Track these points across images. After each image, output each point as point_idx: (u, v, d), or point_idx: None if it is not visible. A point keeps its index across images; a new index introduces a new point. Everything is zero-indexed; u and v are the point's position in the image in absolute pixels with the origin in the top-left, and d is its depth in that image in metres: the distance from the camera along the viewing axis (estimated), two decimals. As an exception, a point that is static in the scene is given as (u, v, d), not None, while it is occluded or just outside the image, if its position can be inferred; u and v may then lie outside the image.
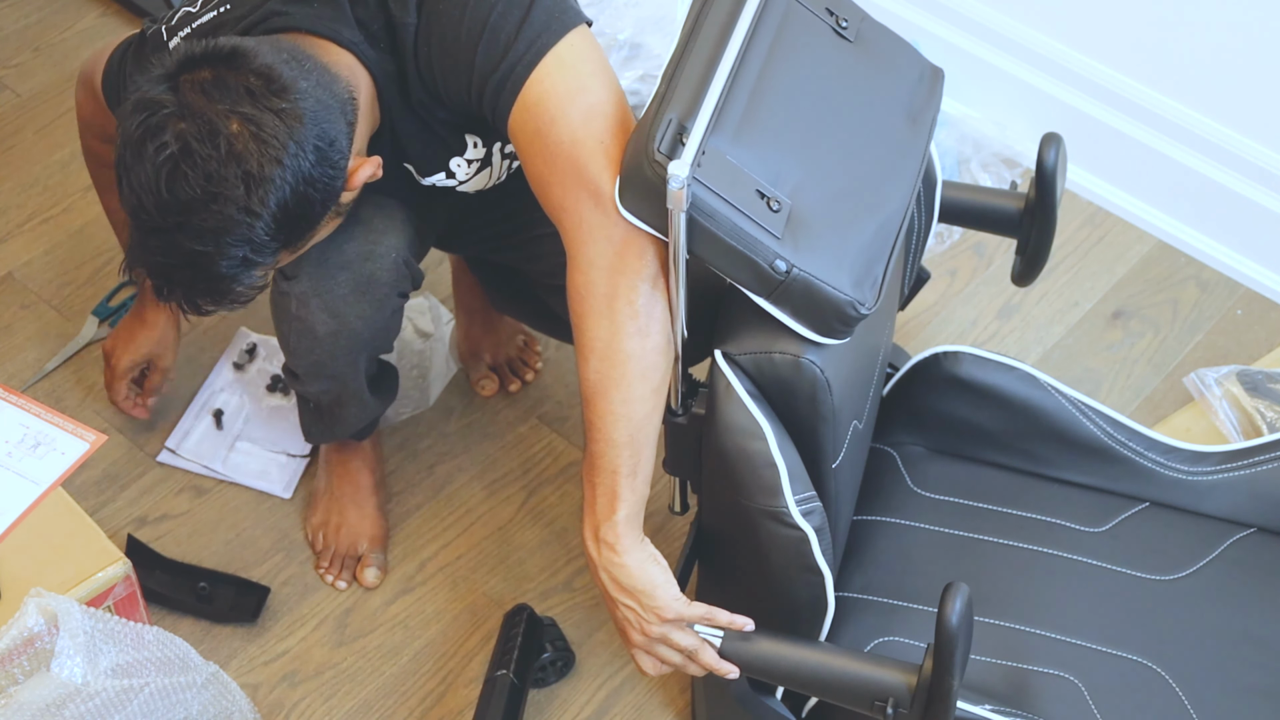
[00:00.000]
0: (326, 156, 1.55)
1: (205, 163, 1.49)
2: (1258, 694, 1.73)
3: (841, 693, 1.60)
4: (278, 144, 1.51)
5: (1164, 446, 1.91)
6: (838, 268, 1.50)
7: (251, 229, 1.52)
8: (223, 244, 1.52)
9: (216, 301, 1.60)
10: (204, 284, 1.57)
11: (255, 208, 1.51)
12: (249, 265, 1.55)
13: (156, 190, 1.51)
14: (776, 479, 1.54)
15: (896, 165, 1.62)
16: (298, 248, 1.62)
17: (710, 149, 1.47)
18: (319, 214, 1.58)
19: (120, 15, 2.79)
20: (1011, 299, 2.45)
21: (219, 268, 1.54)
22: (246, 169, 1.50)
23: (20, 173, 2.56)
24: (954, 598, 1.46)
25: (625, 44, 2.63)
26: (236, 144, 1.50)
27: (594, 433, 1.59)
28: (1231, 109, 2.38)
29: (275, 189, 1.51)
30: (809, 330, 1.52)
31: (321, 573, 2.13)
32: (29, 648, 1.60)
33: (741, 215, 1.47)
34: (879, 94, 1.65)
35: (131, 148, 1.52)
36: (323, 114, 1.55)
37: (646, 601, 1.59)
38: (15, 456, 1.75)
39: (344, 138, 1.58)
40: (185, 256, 1.54)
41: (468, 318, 2.30)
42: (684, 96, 1.49)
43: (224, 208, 1.51)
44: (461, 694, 2.04)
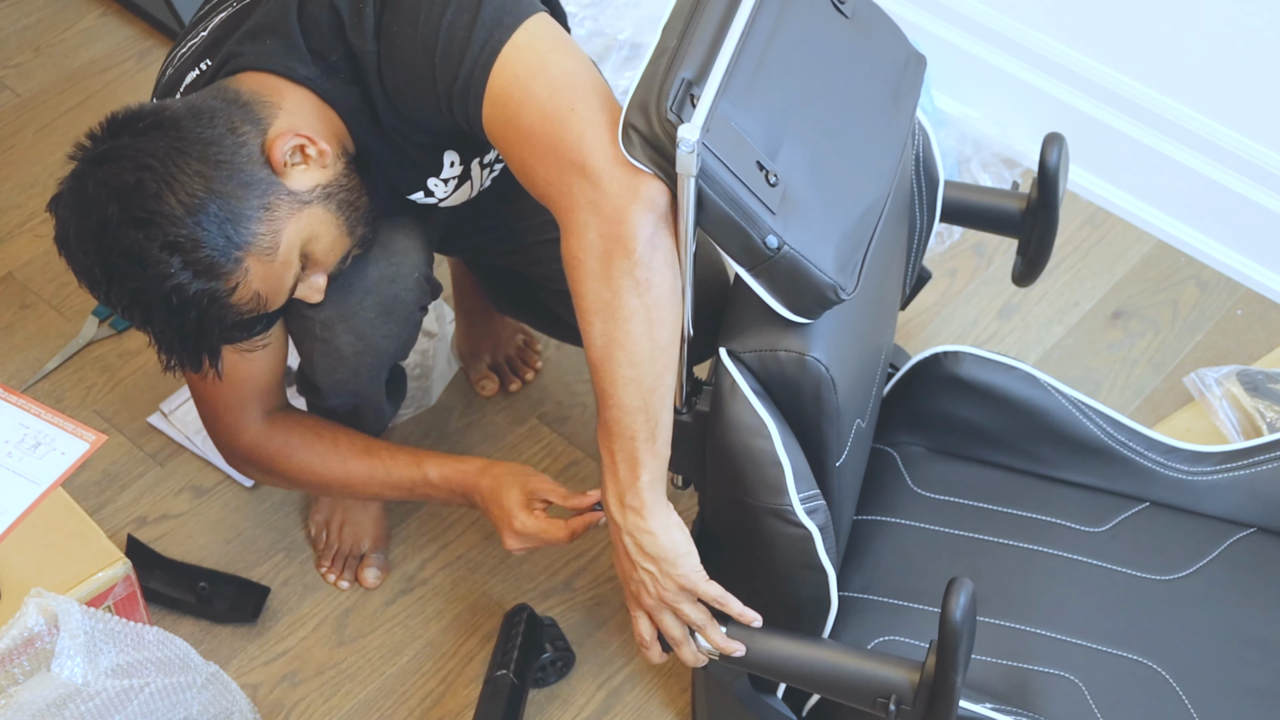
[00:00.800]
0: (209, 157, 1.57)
1: (83, 217, 1.56)
2: (1257, 694, 1.74)
3: (844, 689, 1.60)
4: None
5: (1164, 446, 1.91)
6: (824, 249, 1.49)
7: (153, 237, 1.53)
8: (146, 269, 1.54)
9: (211, 335, 1.60)
10: (174, 326, 1.58)
11: (144, 216, 1.53)
12: (198, 278, 1.55)
13: (73, 263, 1.58)
14: (781, 477, 1.54)
15: (881, 150, 1.61)
16: (249, 245, 1.58)
17: (718, 114, 1.45)
18: (249, 209, 1.57)
19: (120, 15, 2.79)
20: (1011, 299, 2.45)
21: (160, 300, 1.55)
22: (118, 209, 1.54)
23: (20, 173, 2.56)
24: (958, 593, 1.46)
25: (625, 44, 2.64)
26: (112, 187, 1.55)
27: (606, 400, 1.55)
28: (1231, 109, 2.38)
29: (161, 198, 1.54)
30: (783, 307, 1.51)
31: (323, 572, 2.13)
32: (29, 648, 1.60)
33: (742, 186, 1.46)
34: (870, 74, 1.63)
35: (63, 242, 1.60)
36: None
37: (668, 568, 1.58)
38: (15, 456, 1.75)
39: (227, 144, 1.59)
40: (132, 310, 1.57)
41: (467, 318, 2.30)
42: (696, 57, 1.46)
43: (115, 237, 1.54)
44: (461, 694, 2.04)
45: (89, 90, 2.68)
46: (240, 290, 1.58)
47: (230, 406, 1.85)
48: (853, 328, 1.62)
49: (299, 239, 1.62)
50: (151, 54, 2.73)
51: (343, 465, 1.87)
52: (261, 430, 1.87)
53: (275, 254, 1.60)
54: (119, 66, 2.71)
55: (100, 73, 2.70)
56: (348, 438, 1.88)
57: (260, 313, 1.63)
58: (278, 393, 1.89)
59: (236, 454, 1.90)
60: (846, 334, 1.59)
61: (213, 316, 1.57)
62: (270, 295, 1.62)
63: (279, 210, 1.59)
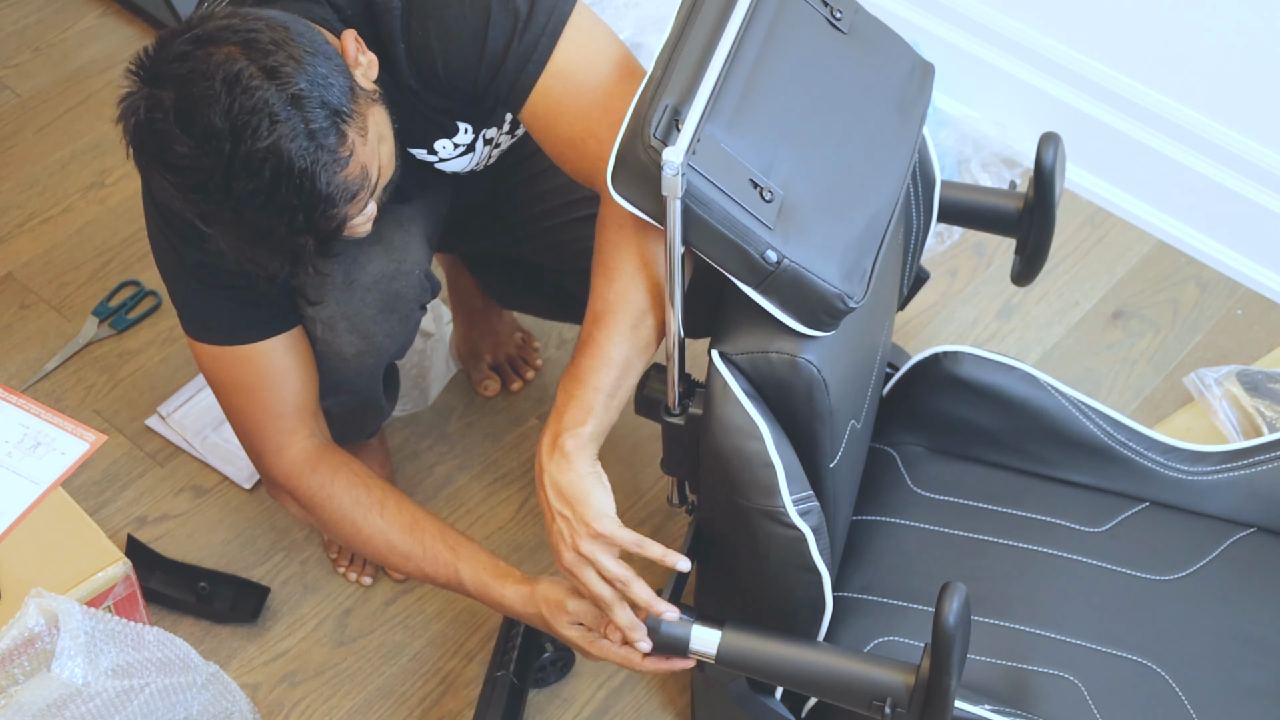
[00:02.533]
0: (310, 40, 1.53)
1: (207, 80, 1.46)
2: (1257, 694, 1.73)
3: (839, 692, 1.60)
4: (262, 37, 1.49)
5: (1164, 446, 1.91)
6: (827, 260, 1.50)
7: (284, 87, 1.46)
8: (275, 127, 1.45)
9: (329, 209, 1.50)
10: (297, 196, 1.48)
11: (271, 65, 1.47)
12: (318, 146, 1.47)
13: (187, 138, 1.46)
14: (773, 479, 1.54)
15: (887, 159, 1.62)
16: (350, 121, 1.52)
17: (705, 136, 1.47)
18: (343, 83, 1.53)
19: (120, 15, 2.79)
20: (1011, 299, 2.45)
21: (293, 158, 1.46)
22: (242, 65, 1.47)
23: (20, 173, 2.56)
24: (951, 598, 1.46)
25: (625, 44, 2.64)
26: (226, 58, 1.47)
27: (590, 348, 1.58)
28: (1231, 109, 2.38)
29: (276, 55, 1.48)
30: (796, 322, 1.52)
31: (343, 571, 2.13)
32: (29, 648, 1.60)
33: (734, 204, 1.47)
34: (871, 87, 1.65)
35: (143, 145, 1.50)
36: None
37: (580, 510, 1.57)
38: (15, 456, 1.75)
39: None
40: (260, 171, 1.46)
41: (466, 319, 2.31)
42: (680, 83, 1.48)
43: (248, 88, 1.46)
44: (461, 694, 2.04)
45: (89, 90, 2.68)
46: (351, 163, 1.51)
47: (270, 413, 1.81)
48: (846, 329, 1.62)
49: (377, 131, 1.57)
50: (152, 54, 2.73)
51: (385, 531, 1.81)
52: (306, 455, 1.82)
53: (367, 136, 1.54)
54: (119, 66, 2.71)
55: (100, 73, 2.71)
56: (395, 501, 1.83)
57: (365, 199, 1.56)
58: (317, 413, 1.85)
59: (277, 480, 1.85)
60: (840, 336, 1.59)
61: (334, 186, 1.50)
62: (371, 178, 1.56)
63: (360, 97, 1.55)
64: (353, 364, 1.84)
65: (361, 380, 1.89)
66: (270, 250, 1.53)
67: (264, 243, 1.52)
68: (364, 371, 1.87)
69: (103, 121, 2.63)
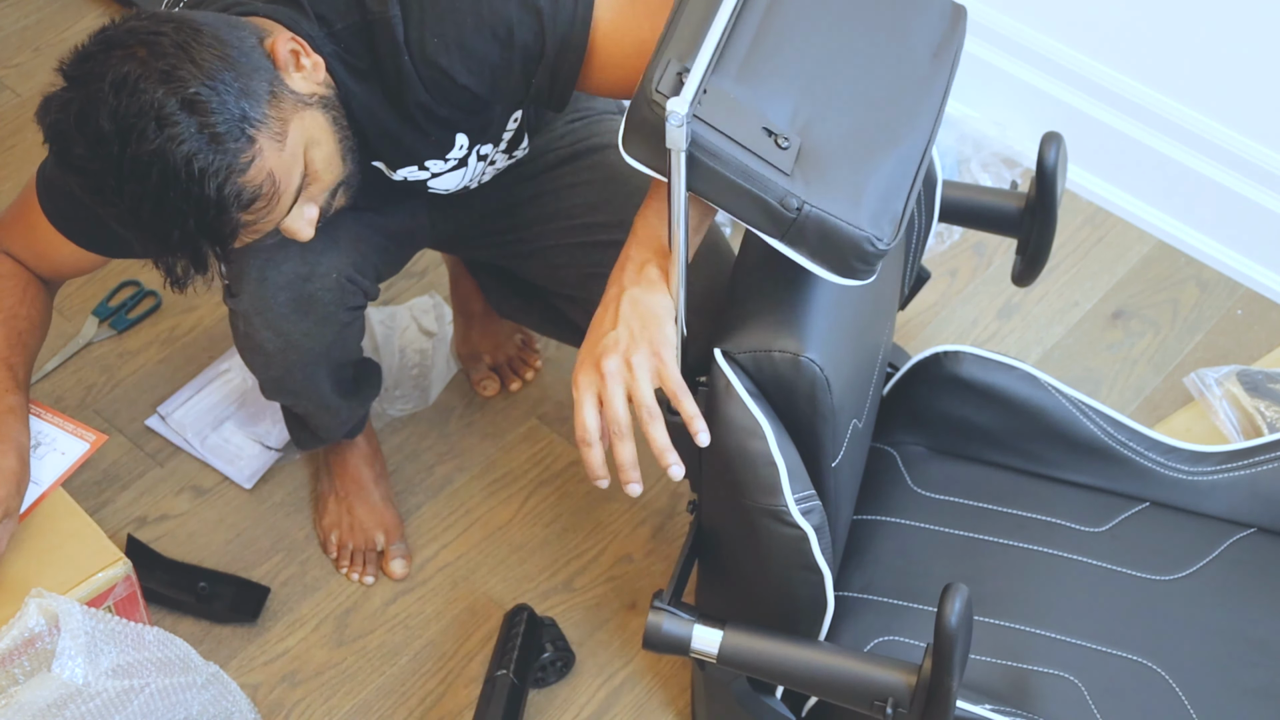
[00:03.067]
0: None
1: (99, 82, 1.47)
2: (1257, 694, 1.73)
3: (841, 692, 1.60)
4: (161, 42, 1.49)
5: (1164, 446, 1.91)
6: (853, 203, 1.46)
7: (176, 90, 1.45)
8: (163, 130, 1.45)
9: (220, 213, 1.49)
10: (185, 201, 1.47)
11: (166, 69, 1.46)
12: (215, 150, 1.46)
13: (82, 140, 1.47)
14: (776, 478, 1.54)
15: (916, 100, 1.57)
16: (260, 125, 1.50)
17: (713, 87, 1.44)
18: (259, 87, 1.51)
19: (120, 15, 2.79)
20: (1011, 299, 2.45)
21: (179, 163, 1.45)
22: (132, 67, 1.46)
23: (20, 173, 2.56)
24: (953, 598, 1.46)
25: None
26: (121, 60, 1.47)
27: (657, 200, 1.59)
28: (1231, 109, 2.38)
29: (174, 57, 1.47)
30: (829, 272, 1.48)
31: (345, 572, 2.14)
32: (30, 648, 1.60)
33: (747, 152, 1.44)
34: (897, 29, 1.60)
35: (51, 144, 1.51)
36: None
37: (652, 331, 1.52)
38: (15, 456, 1.75)
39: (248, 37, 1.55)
40: (147, 175, 1.46)
41: (466, 320, 2.30)
42: (683, 38, 1.46)
43: (135, 90, 1.45)
44: (461, 694, 2.04)
45: (89, 90, 2.68)
46: (253, 169, 1.50)
47: (18, 233, 1.81)
48: (848, 328, 1.62)
49: (303, 137, 1.56)
50: (152, 54, 2.73)
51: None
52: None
53: (284, 142, 1.53)
54: (119, 66, 2.71)
55: (100, 73, 2.70)
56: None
57: (268, 205, 1.54)
58: (50, 272, 1.85)
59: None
60: (842, 335, 1.59)
61: (227, 191, 1.49)
62: (280, 184, 1.55)
63: (284, 101, 1.54)
64: (277, 360, 1.85)
65: (295, 379, 1.89)
66: (169, 250, 1.53)
67: (162, 244, 1.52)
68: (293, 369, 1.87)
69: (102, 121, 2.63)
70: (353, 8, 1.61)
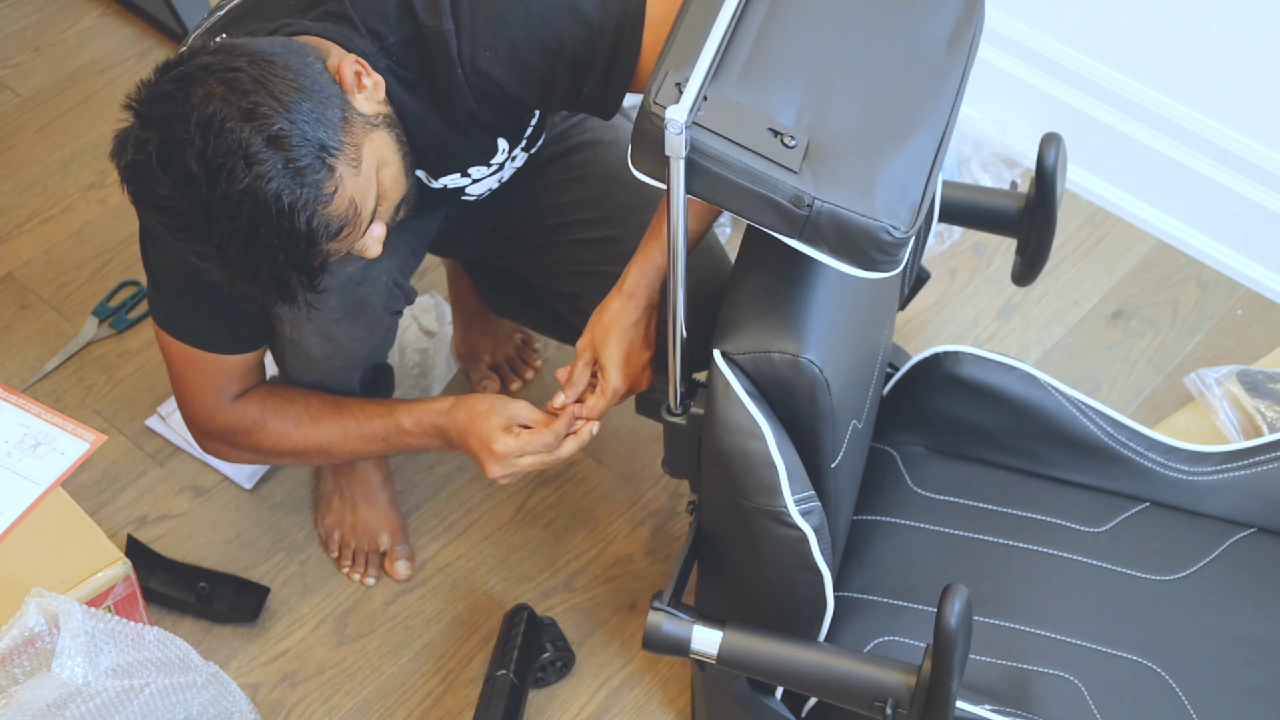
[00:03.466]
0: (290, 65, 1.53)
1: (183, 123, 1.46)
2: (1257, 694, 1.73)
3: (841, 693, 1.60)
4: (246, 70, 1.49)
5: (1164, 446, 1.91)
6: (865, 195, 1.45)
7: (261, 128, 1.46)
8: (251, 168, 1.45)
9: (310, 247, 1.50)
10: (276, 236, 1.48)
11: (249, 106, 1.46)
12: (300, 184, 1.47)
13: (167, 180, 1.47)
14: (775, 479, 1.54)
15: (931, 88, 1.56)
16: (339, 154, 1.51)
17: (713, 93, 1.44)
18: (333, 115, 1.52)
19: (120, 15, 2.79)
20: (1011, 299, 2.45)
21: (269, 200, 1.46)
22: (217, 106, 1.46)
23: (20, 173, 2.56)
24: (953, 599, 1.46)
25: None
26: (204, 100, 1.47)
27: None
28: (1231, 109, 2.38)
29: (255, 94, 1.48)
30: (851, 267, 1.47)
31: (346, 571, 2.14)
32: (30, 647, 1.60)
33: (752, 155, 1.44)
34: (910, 19, 1.59)
35: (131, 184, 1.51)
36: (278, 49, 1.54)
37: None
38: (15, 456, 1.75)
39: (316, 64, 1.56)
40: (238, 213, 1.46)
41: (465, 320, 2.30)
42: (680, 51, 1.46)
43: (222, 130, 1.46)
44: (461, 694, 2.04)
45: (89, 90, 2.68)
46: (337, 199, 1.51)
47: (213, 388, 1.84)
48: (847, 329, 1.62)
49: (374, 159, 1.57)
50: (151, 54, 2.73)
51: (317, 427, 1.87)
52: (234, 408, 1.87)
53: (360, 167, 1.54)
54: (119, 66, 2.71)
55: (100, 72, 2.70)
56: (319, 399, 1.88)
57: (353, 232, 1.55)
58: (259, 372, 1.89)
59: (210, 433, 1.89)
60: (841, 335, 1.59)
61: (315, 224, 1.50)
62: (360, 209, 1.56)
63: (355, 125, 1.54)
64: (322, 365, 1.86)
65: (334, 381, 1.90)
66: (258, 285, 1.54)
67: (250, 279, 1.53)
68: (335, 373, 1.88)
69: (103, 121, 2.63)
70: (404, 20, 1.62)
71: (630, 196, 1.91)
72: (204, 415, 1.87)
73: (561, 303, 2.00)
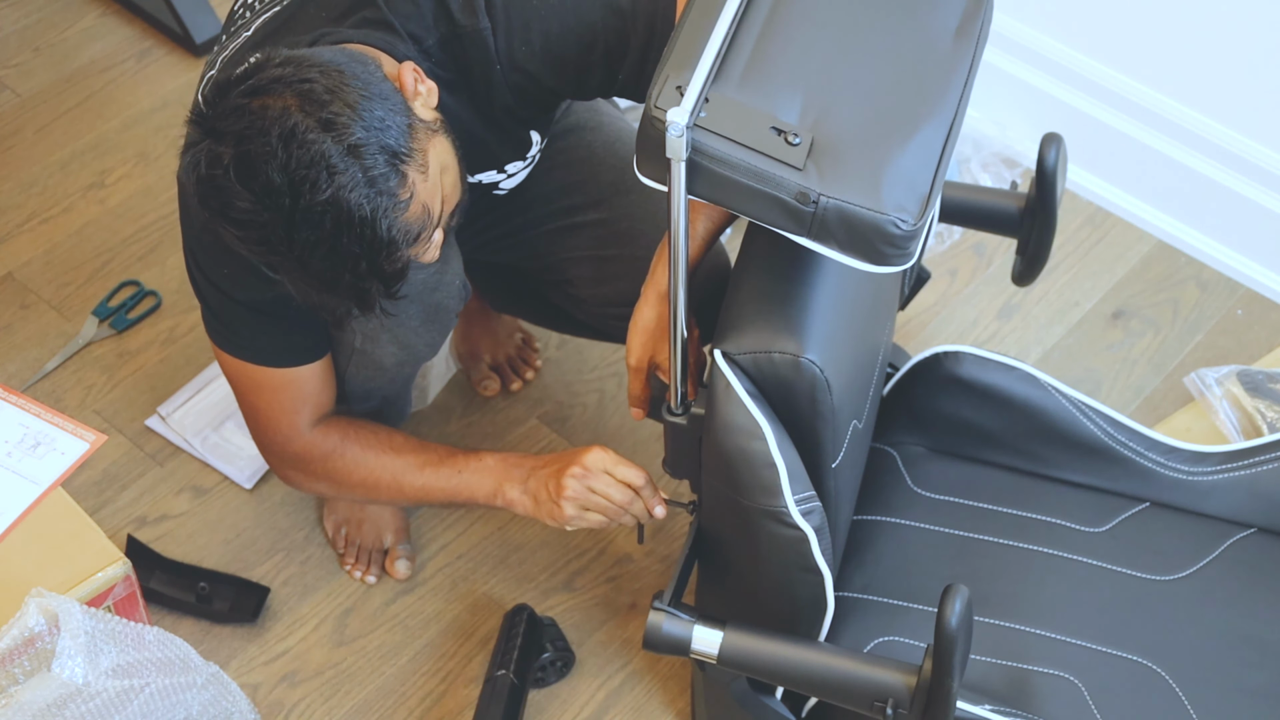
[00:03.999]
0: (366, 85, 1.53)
1: (263, 136, 1.46)
2: (1257, 694, 1.74)
3: (841, 693, 1.60)
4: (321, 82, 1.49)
5: (1164, 446, 1.91)
6: (871, 189, 1.45)
7: (340, 138, 1.46)
8: (334, 178, 1.46)
9: (392, 252, 1.51)
10: (359, 244, 1.49)
11: (327, 118, 1.47)
12: (377, 192, 1.48)
13: (248, 194, 1.47)
14: (776, 479, 1.54)
15: (938, 80, 1.55)
16: (410, 160, 1.52)
17: (715, 95, 1.44)
18: (400, 122, 1.52)
19: (120, 15, 2.79)
20: (1011, 299, 2.45)
21: (353, 208, 1.47)
22: (297, 119, 1.46)
23: (20, 173, 2.56)
24: (953, 600, 1.46)
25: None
26: (282, 113, 1.47)
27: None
28: (1231, 109, 2.38)
29: (331, 105, 1.48)
30: (863, 262, 1.47)
31: (349, 569, 2.14)
32: (30, 647, 1.60)
33: (756, 154, 1.44)
34: (916, 12, 1.59)
35: (207, 199, 1.50)
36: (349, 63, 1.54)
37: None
38: (15, 456, 1.75)
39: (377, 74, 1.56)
40: (321, 223, 1.47)
41: (465, 319, 2.31)
42: (681, 55, 1.46)
43: (304, 141, 1.46)
44: (461, 694, 2.04)
45: (89, 90, 2.68)
46: (412, 205, 1.52)
47: (286, 411, 1.83)
48: (848, 329, 1.62)
49: (438, 164, 1.57)
50: (151, 54, 2.73)
51: (397, 458, 1.86)
52: (314, 434, 1.86)
53: (428, 172, 1.54)
54: (119, 66, 2.71)
55: (100, 73, 2.70)
56: (401, 435, 1.89)
57: (428, 237, 1.56)
58: (331, 396, 1.87)
59: (287, 460, 1.88)
60: (842, 335, 1.59)
61: (395, 231, 1.50)
62: (431, 214, 1.56)
63: (419, 131, 1.55)
64: (390, 373, 1.86)
65: (396, 386, 1.92)
66: (336, 295, 1.54)
67: (330, 289, 1.53)
68: (400, 379, 1.90)
69: (103, 121, 2.63)
70: (441, 20, 1.63)
71: (616, 179, 1.92)
72: (280, 441, 1.86)
73: (556, 290, 2.01)
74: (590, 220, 1.94)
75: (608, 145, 1.96)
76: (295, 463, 1.88)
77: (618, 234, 1.85)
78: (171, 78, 2.69)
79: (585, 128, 1.96)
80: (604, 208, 1.93)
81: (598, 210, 1.93)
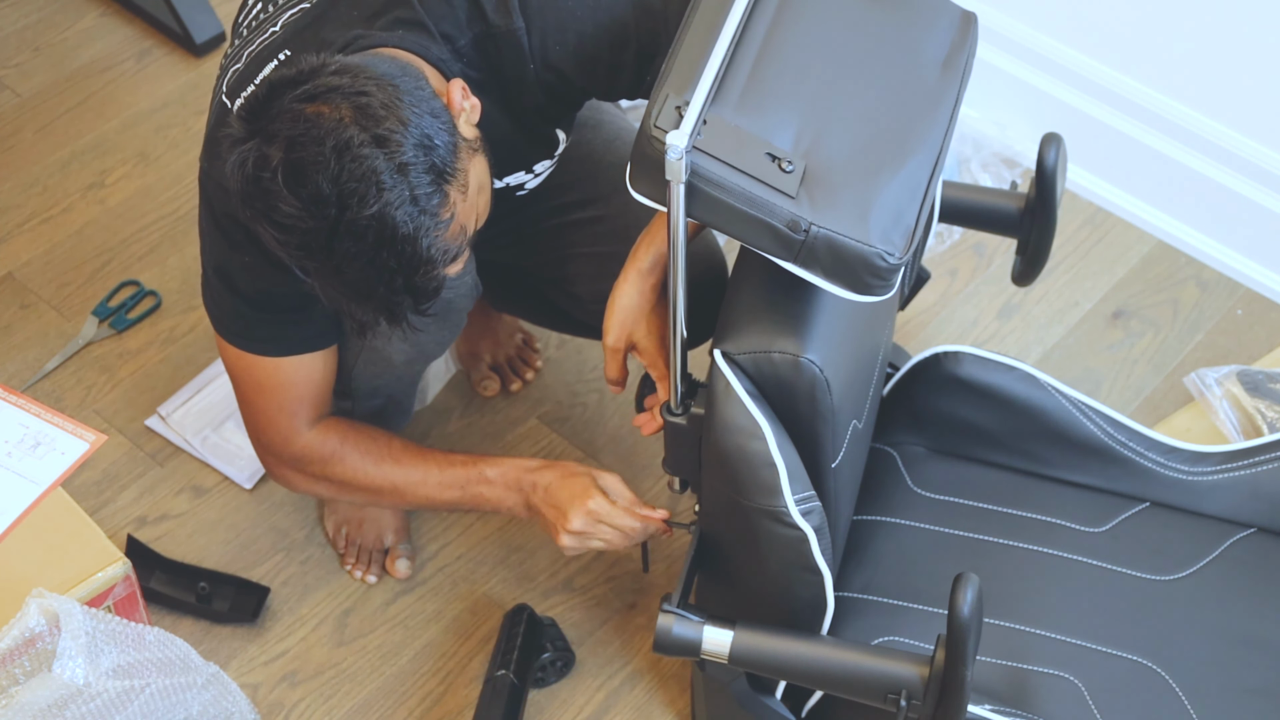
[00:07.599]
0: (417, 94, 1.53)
1: (317, 144, 1.46)
2: (1257, 694, 1.74)
3: (853, 687, 1.60)
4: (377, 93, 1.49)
5: (1164, 446, 1.91)
6: (860, 221, 1.47)
7: (392, 155, 1.46)
8: (382, 194, 1.46)
9: (429, 271, 1.51)
10: (397, 259, 1.49)
11: (382, 134, 1.47)
12: (420, 211, 1.48)
13: (295, 200, 1.47)
14: (776, 479, 1.54)
15: (925, 112, 1.57)
16: (453, 179, 1.52)
17: (713, 117, 1.45)
18: (448, 141, 1.52)
19: (120, 15, 2.79)
20: (1011, 299, 2.45)
21: (396, 225, 1.47)
22: (352, 132, 1.46)
23: (20, 173, 2.56)
24: (965, 588, 1.46)
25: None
26: (337, 124, 1.47)
27: None
28: (1231, 109, 2.38)
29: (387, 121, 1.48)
30: (845, 290, 1.49)
31: (349, 569, 2.14)
32: (30, 648, 1.60)
33: (751, 179, 1.45)
34: (904, 44, 1.61)
35: (251, 198, 1.50)
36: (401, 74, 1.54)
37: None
38: (15, 456, 1.75)
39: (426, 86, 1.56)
40: (364, 236, 1.47)
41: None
42: (681, 73, 1.47)
43: (357, 155, 1.46)
44: (461, 694, 2.04)
45: (89, 90, 2.68)
46: (452, 225, 1.52)
47: (285, 411, 1.83)
48: (848, 329, 1.62)
49: (477, 183, 1.57)
50: (151, 54, 2.73)
51: (397, 466, 1.86)
52: (313, 435, 1.86)
53: (467, 193, 1.55)
54: (119, 66, 2.71)
55: (100, 73, 2.70)
56: (401, 441, 1.88)
57: (463, 255, 1.57)
58: (330, 398, 1.88)
59: (285, 460, 1.88)
60: (841, 335, 1.59)
61: (434, 251, 1.50)
62: (468, 233, 1.57)
63: (463, 151, 1.55)
64: (399, 370, 1.87)
65: (403, 384, 1.92)
66: (367, 306, 1.54)
67: (361, 300, 1.53)
68: (408, 377, 1.90)
69: (103, 121, 2.63)
70: (474, 20, 1.63)
71: (616, 177, 1.92)
72: (279, 440, 1.86)
73: (555, 288, 2.01)
74: (589, 217, 1.94)
75: (607, 143, 1.96)
76: (293, 463, 1.88)
77: (617, 231, 1.85)
78: (171, 78, 2.69)
79: (585, 125, 1.96)
80: (603, 205, 1.93)
81: (597, 207, 1.94)
